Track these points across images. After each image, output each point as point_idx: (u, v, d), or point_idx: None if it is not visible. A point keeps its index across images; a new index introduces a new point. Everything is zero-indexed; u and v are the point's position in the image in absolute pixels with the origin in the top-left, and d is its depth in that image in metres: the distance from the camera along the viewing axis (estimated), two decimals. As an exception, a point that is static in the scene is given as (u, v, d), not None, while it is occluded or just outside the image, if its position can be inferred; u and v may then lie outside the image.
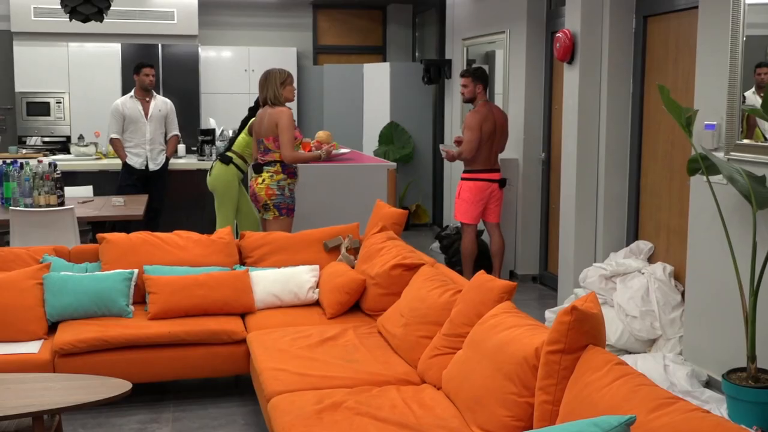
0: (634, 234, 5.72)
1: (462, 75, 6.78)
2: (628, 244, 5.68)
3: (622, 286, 5.20)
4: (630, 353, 4.93)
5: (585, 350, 2.59)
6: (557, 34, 6.00)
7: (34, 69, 9.69)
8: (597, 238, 5.94)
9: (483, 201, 6.69)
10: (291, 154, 5.59)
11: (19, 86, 9.71)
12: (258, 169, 5.78)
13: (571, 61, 5.91)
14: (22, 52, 9.64)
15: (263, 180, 5.73)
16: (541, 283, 7.26)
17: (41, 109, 9.77)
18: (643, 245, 5.49)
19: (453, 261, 7.26)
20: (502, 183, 6.74)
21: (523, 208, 7.28)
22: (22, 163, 5.99)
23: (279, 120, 5.61)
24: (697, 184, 4.60)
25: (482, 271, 3.54)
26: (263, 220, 5.86)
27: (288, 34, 10.96)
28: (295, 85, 5.85)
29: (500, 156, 6.85)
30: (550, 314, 5.61)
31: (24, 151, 8.91)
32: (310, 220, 5.88)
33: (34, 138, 9.63)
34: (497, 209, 6.78)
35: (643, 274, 5.19)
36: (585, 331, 2.59)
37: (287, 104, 5.76)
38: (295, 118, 10.05)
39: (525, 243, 7.32)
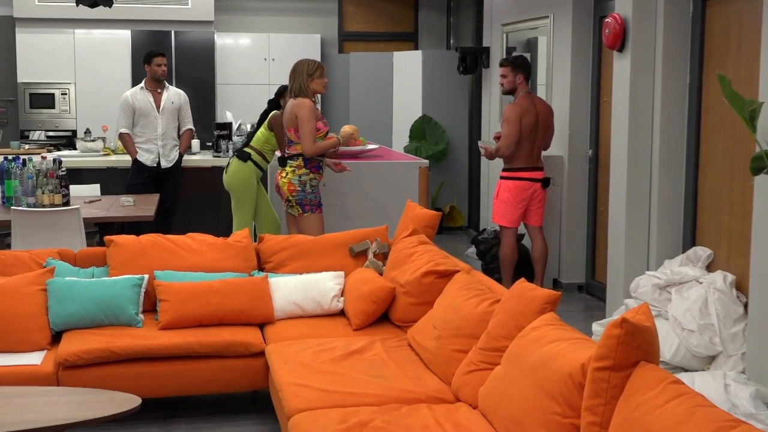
0: (691, 239, 5.67)
1: (501, 64, 6.76)
2: (684, 251, 5.64)
3: (678, 297, 5.15)
4: (686, 371, 4.89)
5: (636, 367, 2.57)
6: (606, 19, 5.97)
7: (38, 58, 9.81)
8: (650, 244, 5.89)
9: (524, 202, 6.66)
10: (311, 147, 5.71)
11: (22, 76, 9.83)
12: (282, 162, 5.89)
13: (621, 49, 5.87)
14: (25, 39, 9.76)
15: (286, 174, 5.84)
16: (587, 293, 7.22)
17: (45, 101, 9.89)
18: (702, 252, 5.44)
19: (491, 268, 7.23)
20: (545, 182, 6.71)
21: (568, 210, 7.25)
22: (24, 160, 6.06)
23: (299, 112, 5.68)
24: (761, 184, 4.55)
25: (523, 279, 3.53)
26: (289, 215, 5.93)
27: (311, 20, 11.00)
28: (326, 78, 5.89)
29: (544, 153, 6.82)
30: (597, 327, 5.58)
31: (26, 146, 9.01)
32: (334, 223, 5.90)
33: (37, 132, 9.74)
34: (540, 211, 6.75)
35: (701, 283, 5.14)
36: (636, 345, 2.58)
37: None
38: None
39: (570, 248, 7.29)
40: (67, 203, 5.98)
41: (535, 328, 3.13)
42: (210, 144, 8.82)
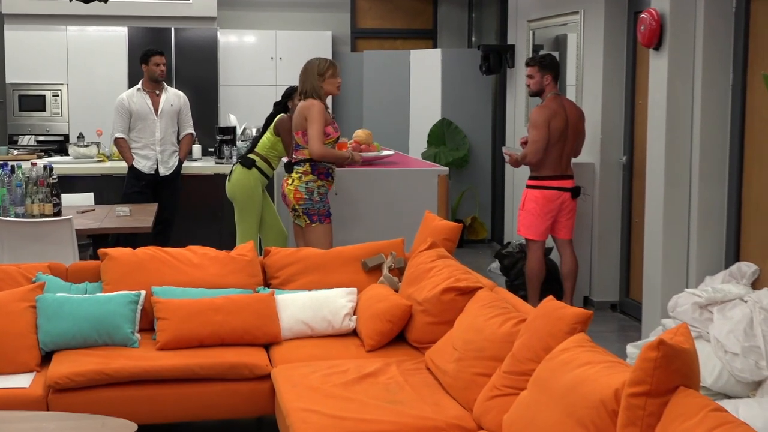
0: (734, 254, 5.64)
1: (527, 64, 6.76)
2: (727, 266, 5.61)
3: (721, 317, 5.13)
4: (730, 397, 4.85)
5: (675, 393, 2.56)
6: (641, 15, 5.96)
7: (28, 56, 9.88)
8: (690, 259, 5.87)
9: (552, 213, 6.65)
10: (319, 149, 5.71)
11: (11, 77, 9.90)
12: (288, 167, 5.90)
13: (658, 47, 5.87)
14: (13, 37, 9.83)
15: (292, 181, 5.85)
16: (621, 312, 7.20)
17: (35, 103, 9.96)
18: (746, 268, 5.41)
19: (516, 284, 7.22)
20: (575, 192, 6.71)
21: (600, 221, 7.23)
22: (13, 166, 6.08)
23: (308, 113, 5.70)
24: (811, 194, 4.53)
25: (551, 296, 3.52)
26: (296, 226, 5.93)
27: (321, 16, 11.05)
28: (340, 78, 5.91)
29: (574, 160, 6.82)
30: (632, 349, 5.56)
31: (15, 152, 9.06)
32: (346, 235, 5.91)
33: (26, 137, 9.81)
34: (569, 223, 6.74)
35: (746, 302, 5.11)
36: (675, 369, 2.57)
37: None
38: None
39: (602, 263, 7.27)
40: (58, 213, 6.00)
41: (564, 350, 3.12)
42: (212, 150, 8.86)
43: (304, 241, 5.89)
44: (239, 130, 8.65)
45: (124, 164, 7.76)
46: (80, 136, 8.96)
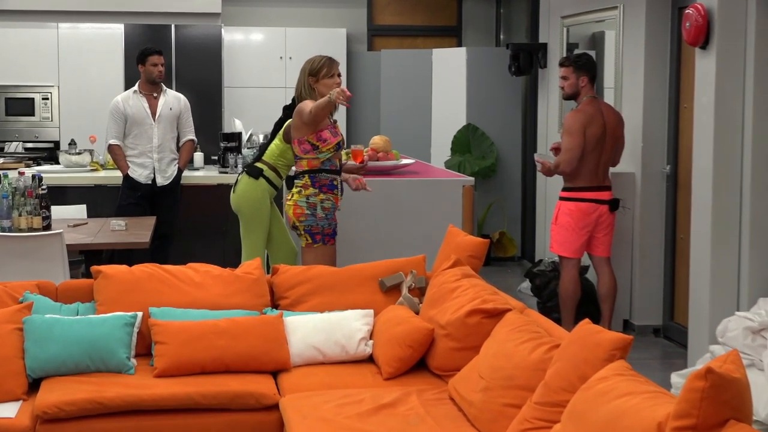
0: (790, 273, 5.63)
1: (561, 64, 6.76)
2: (782, 287, 5.60)
3: (775, 343, 5.11)
4: (785, 432, 4.83)
5: (724, 427, 2.56)
6: (687, 11, 5.96)
7: (15, 56, 9.94)
8: (741, 279, 5.85)
9: (588, 228, 6.64)
10: (305, 106, 5.60)
11: (-3, 78, 9.97)
12: (289, 183, 5.89)
13: (705, 46, 5.86)
14: (0, 34, 9.89)
15: (292, 196, 5.85)
16: (665, 337, 7.17)
17: (23, 106, 10.01)
18: (803, 288, 5.39)
19: (548, 306, 7.21)
20: (613, 205, 6.69)
21: (641, 237, 7.22)
22: (-1, 176, 6.13)
23: (302, 111, 5.69)
24: None
25: (587, 319, 3.52)
26: (301, 247, 5.93)
27: (335, 12, 11.09)
28: (338, 78, 5.89)
29: (612, 170, 6.80)
30: (677, 378, 5.54)
31: (1, 160, 9.11)
32: (362, 251, 5.90)
33: (14, 144, 9.84)
34: (607, 239, 6.73)
35: (802, 326, 5.09)
36: (724, 401, 2.56)
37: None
38: (343, 119, 10.19)
39: (644, 283, 7.25)
40: (47, 227, 6.03)
41: (601, 379, 3.11)
42: (215, 158, 8.89)
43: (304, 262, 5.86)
44: (245, 137, 8.67)
45: (119, 174, 7.79)
46: (72, 143, 9.00)
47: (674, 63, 7.02)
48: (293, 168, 5.95)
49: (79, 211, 7.09)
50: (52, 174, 8.01)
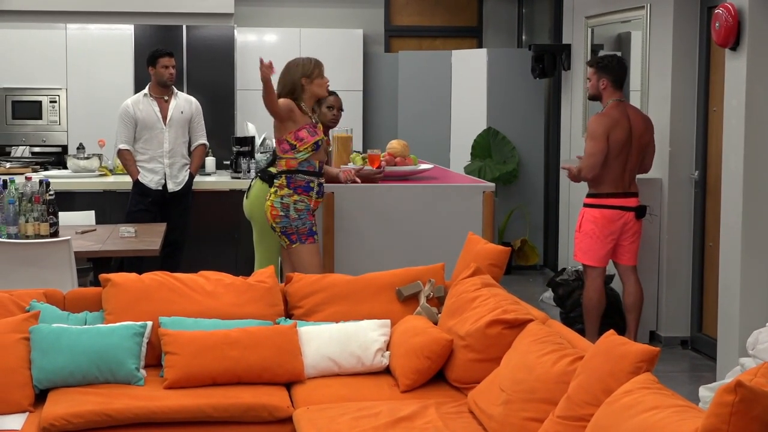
0: (823, 283, 5.60)
1: (588, 64, 6.77)
2: (815, 298, 5.57)
3: (808, 356, 5.08)
4: (818, 448, 4.80)
5: (755, 443, 2.54)
6: (716, 10, 5.95)
7: (22, 58, 9.98)
8: (772, 289, 5.83)
9: (613, 236, 6.63)
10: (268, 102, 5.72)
11: (3, 80, 10.00)
12: (270, 182, 6.00)
13: (735, 47, 5.85)
14: (6, 36, 9.95)
15: (269, 196, 5.94)
16: (693, 349, 7.15)
17: (31, 110, 10.05)
18: (837, 299, 5.36)
19: (572, 317, 7.20)
20: (639, 212, 6.68)
21: (668, 245, 7.20)
22: (5, 181, 6.14)
23: (281, 110, 5.79)
24: None
25: (612, 330, 3.51)
26: (281, 247, 6.02)
27: (351, 12, 11.10)
28: (326, 78, 6.01)
29: (639, 176, 6.79)
30: (705, 392, 5.51)
31: (8, 164, 9.17)
32: (378, 259, 5.91)
33: (21, 148, 9.91)
34: (633, 247, 6.71)
35: (836, 338, 5.07)
36: (755, 416, 2.56)
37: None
38: (360, 123, 10.20)
39: (671, 293, 7.23)
40: (55, 234, 6.06)
41: (627, 392, 3.10)
42: (227, 163, 8.92)
43: (290, 265, 5.89)
44: (258, 141, 8.70)
45: (128, 179, 7.82)
46: (80, 147, 9.06)
47: (703, 65, 7.00)
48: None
49: (87, 217, 7.12)
50: (59, 179, 8.06)
